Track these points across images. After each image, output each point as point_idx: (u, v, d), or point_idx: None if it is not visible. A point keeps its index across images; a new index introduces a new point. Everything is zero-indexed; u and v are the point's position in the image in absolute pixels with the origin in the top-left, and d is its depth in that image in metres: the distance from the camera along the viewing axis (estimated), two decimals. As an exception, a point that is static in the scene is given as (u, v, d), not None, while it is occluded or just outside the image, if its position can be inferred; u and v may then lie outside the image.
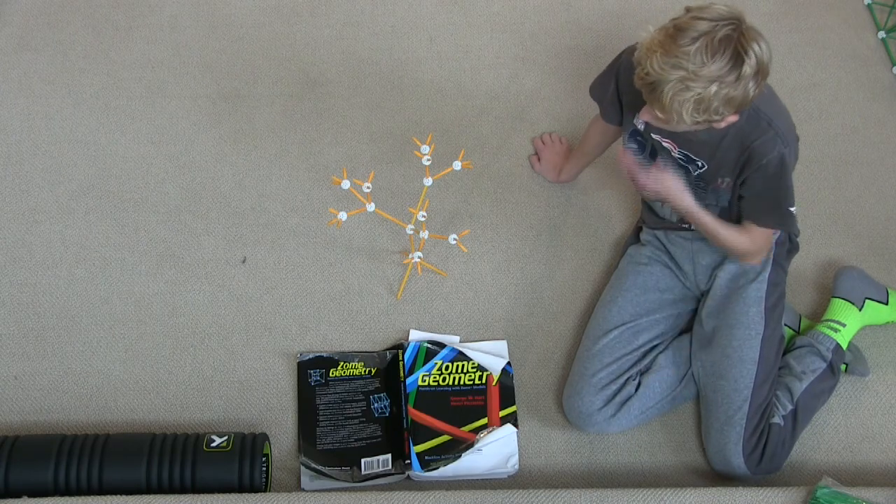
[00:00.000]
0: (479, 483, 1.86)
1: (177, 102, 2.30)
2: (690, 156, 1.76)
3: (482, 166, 2.24)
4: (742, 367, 1.82)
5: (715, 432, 1.82)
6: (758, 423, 1.81)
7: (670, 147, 1.76)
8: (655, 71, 1.54)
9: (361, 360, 1.98)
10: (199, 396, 1.95)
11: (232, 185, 2.20)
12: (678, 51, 1.52)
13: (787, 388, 1.87)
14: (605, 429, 1.87)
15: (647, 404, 1.86)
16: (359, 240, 2.14)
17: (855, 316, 1.96)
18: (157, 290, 2.06)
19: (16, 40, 2.38)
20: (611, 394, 1.85)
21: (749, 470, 1.80)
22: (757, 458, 1.80)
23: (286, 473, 1.86)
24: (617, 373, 1.86)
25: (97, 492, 1.73)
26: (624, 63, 1.80)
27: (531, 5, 2.48)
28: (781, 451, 1.83)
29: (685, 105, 1.54)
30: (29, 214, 2.14)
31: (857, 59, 2.40)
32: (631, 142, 1.84)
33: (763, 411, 1.82)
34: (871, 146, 2.28)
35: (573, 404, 1.87)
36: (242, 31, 2.42)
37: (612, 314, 1.91)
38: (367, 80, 2.36)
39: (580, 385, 1.86)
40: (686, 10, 1.58)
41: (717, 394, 1.83)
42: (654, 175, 1.73)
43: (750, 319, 1.84)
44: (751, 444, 1.80)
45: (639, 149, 1.84)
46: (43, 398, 1.94)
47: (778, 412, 1.84)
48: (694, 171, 1.78)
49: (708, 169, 1.76)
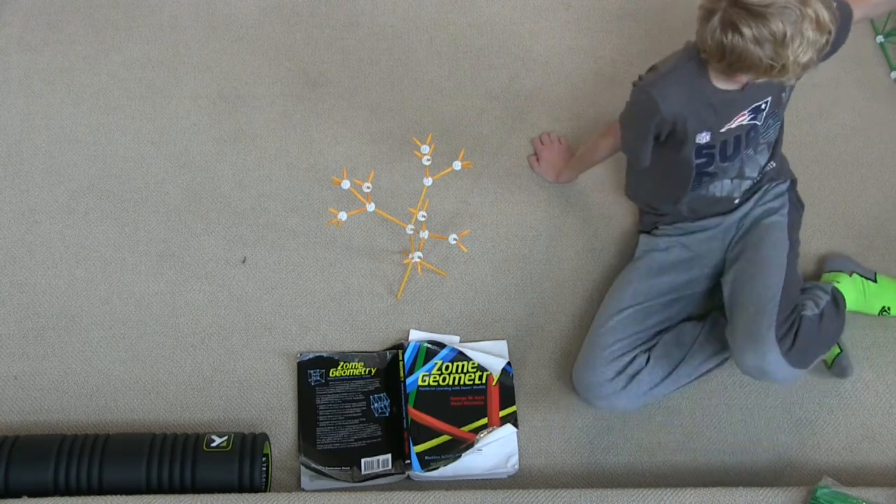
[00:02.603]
0: (479, 483, 1.86)
1: (177, 102, 2.30)
2: (757, 105, 1.76)
3: (482, 166, 2.24)
4: (770, 270, 1.83)
5: (745, 324, 1.78)
6: (789, 313, 1.79)
7: (739, 121, 1.77)
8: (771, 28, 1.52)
9: (361, 360, 1.98)
10: (199, 396, 1.95)
11: (232, 185, 2.20)
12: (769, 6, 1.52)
13: (812, 298, 1.89)
14: (614, 403, 1.84)
15: (654, 379, 1.85)
16: (359, 240, 2.14)
17: (845, 279, 2.00)
18: (157, 290, 2.06)
19: (16, 40, 2.38)
20: (622, 366, 1.84)
21: (781, 353, 1.74)
22: (789, 344, 1.76)
23: (286, 473, 1.86)
24: (628, 347, 1.86)
25: (97, 492, 1.73)
26: (660, 103, 1.73)
27: (531, 5, 2.48)
28: (812, 346, 1.81)
29: (806, 34, 1.54)
30: (29, 214, 2.14)
31: (857, 61, 2.40)
32: (699, 159, 1.82)
33: (793, 308, 1.81)
34: (871, 146, 2.28)
35: (583, 376, 1.85)
36: (242, 31, 2.42)
37: (626, 295, 1.92)
38: (367, 80, 2.36)
39: (591, 357, 1.85)
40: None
41: (747, 295, 1.82)
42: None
43: (775, 238, 1.87)
44: (783, 329, 1.76)
45: (707, 161, 1.83)
46: (43, 398, 1.94)
47: (809, 307, 1.84)
48: (761, 119, 1.79)
49: (772, 99, 1.77)
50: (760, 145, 1.86)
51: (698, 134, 1.77)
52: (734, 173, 1.88)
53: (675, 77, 1.73)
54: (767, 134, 1.85)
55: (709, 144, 1.80)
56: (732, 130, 1.79)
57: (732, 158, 1.84)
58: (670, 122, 1.76)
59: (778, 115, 1.84)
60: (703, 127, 1.76)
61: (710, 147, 1.80)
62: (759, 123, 1.80)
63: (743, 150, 1.83)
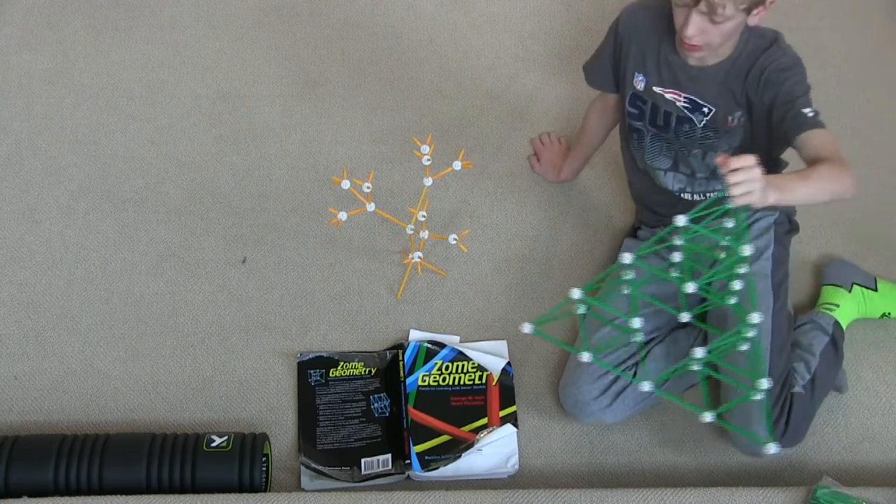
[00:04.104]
0: (479, 483, 1.86)
1: (177, 102, 2.31)
2: (697, 101, 1.77)
3: (482, 166, 2.24)
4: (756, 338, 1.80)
5: (735, 411, 1.78)
6: (779, 393, 1.79)
7: (674, 98, 1.78)
8: None
9: (361, 360, 1.98)
10: (199, 396, 1.95)
11: (232, 185, 2.20)
12: None
13: (803, 360, 1.87)
14: (600, 418, 1.86)
15: (642, 394, 1.86)
16: (359, 240, 2.14)
17: (845, 297, 1.98)
18: (157, 290, 2.06)
19: (16, 40, 2.38)
20: (607, 382, 1.85)
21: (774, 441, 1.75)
22: (781, 430, 1.78)
23: (286, 473, 1.86)
24: (613, 362, 1.86)
25: (97, 492, 1.73)
26: (622, 18, 1.85)
27: (531, 5, 2.48)
28: (804, 421, 1.82)
29: None
30: (29, 214, 2.15)
31: (857, 60, 2.40)
32: (631, 107, 1.86)
33: (783, 382, 1.80)
34: (871, 146, 2.28)
35: (569, 393, 1.86)
36: (242, 31, 2.42)
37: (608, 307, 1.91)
38: (367, 80, 2.36)
39: (577, 374, 1.86)
40: None
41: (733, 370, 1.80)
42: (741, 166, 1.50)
43: (759, 294, 1.83)
44: (774, 414, 1.77)
45: (638, 115, 1.86)
46: (43, 398, 1.94)
47: (798, 382, 1.83)
48: (700, 121, 1.79)
49: (717, 111, 1.77)
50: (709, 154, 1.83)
51: (636, 74, 1.82)
52: (668, 162, 1.88)
53: (652, 9, 1.79)
54: (706, 143, 1.82)
55: (642, 96, 1.83)
56: (664, 99, 1.81)
57: (662, 130, 1.85)
58: (621, 38, 1.84)
59: (721, 133, 1.80)
60: (641, 67, 1.82)
61: (643, 101, 1.84)
62: (695, 122, 1.80)
63: (672, 130, 1.83)
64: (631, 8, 1.86)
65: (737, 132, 1.80)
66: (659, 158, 1.90)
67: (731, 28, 1.66)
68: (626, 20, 1.85)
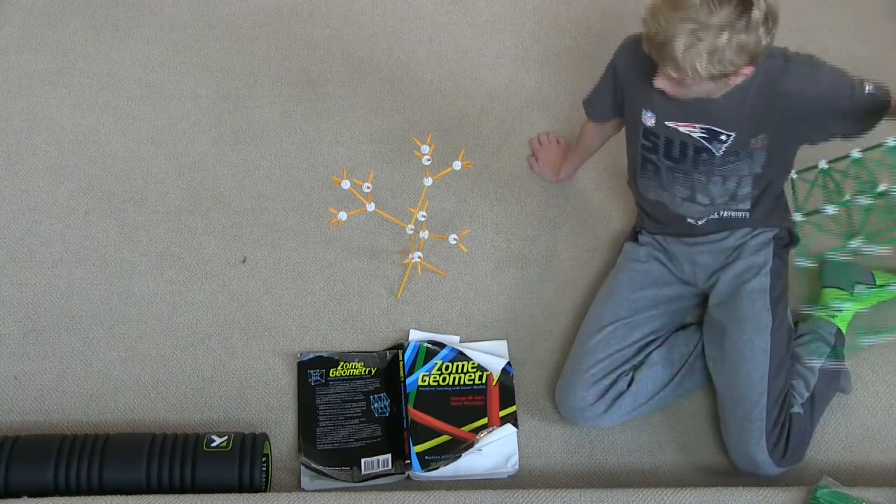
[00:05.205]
0: (479, 483, 1.86)
1: (177, 102, 2.31)
2: (715, 129, 1.72)
3: (482, 166, 2.24)
4: (754, 360, 1.80)
5: (735, 429, 1.81)
6: (778, 415, 1.79)
7: (689, 130, 1.73)
8: (663, 28, 1.51)
9: (361, 360, 1.98)
10: (199, 396, 1.95)
11: (232, 185, 2.20)
12: (683, 3, 1.49)
13: (802, 377, 1.87)
14: (596, 423, 1.86)
15: (638, 401, 1.86)
16: (359, 240, 2.14)
17: (847, 300, 1.97)
18: (157, 290, 2.06)
19: (16, 40, 2.38)
20: (603, 389, 1.85)
21: (775, 464, 1.78)
22: (781, 451, 1.79)
23: (286, 473, 1.86)
24: (609, 368, 1.86)
25: (97, 492, 1.73)
26: (619, 56, 1.81)
27: (531, 5, 2.48)
28: (804, 440, 1.82)
29: (698, 58, 1.51)
30: (29, 214, 2.15)
31: (857, 62, 2.39)
32: (644, 140, 1.81)
33: (782, 403, 1.80)
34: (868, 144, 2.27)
35: (565, 398, 1.87)
36: (242, 31, 2.42)
37: (607, 310, 1.91)
38: (367, 80, 2.36)
39: (573, 380, 1.86)
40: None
41: (733, 390, 1.81)
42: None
43: (757, 313, 1.82)
44: (773, 437, 1.78)
45: (652, 148, 1.81)
46: (43, 398, 1.94)
47: (796, 401, 1.84)
48: (718, 149, 1.74)
49: (736, 137, 1.72)
50: (729, 179, 1.79)
51: (644, 111, 1.77)
52: (685, 192, 1.84)
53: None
54: (726, 168, 1.77)
55: (654, 131, 1.79)
56: (678, 132, 1.75)
57: (678, 162, 1.79)
58: (620, 77, 1.80)
59: (742, 156, 1.75)
60: (648, 104, 1.76)
61: (655, 135, 1.79)
62: (714, 151, 1.75)
63: (689, 161, 1.78)
64: (628, 47, 1.78)
65: (760, 154, 1.75)
66: (675, 188, 1.85)
67: (710, 88, 1.61)
68: (624, 59, 1.79)
